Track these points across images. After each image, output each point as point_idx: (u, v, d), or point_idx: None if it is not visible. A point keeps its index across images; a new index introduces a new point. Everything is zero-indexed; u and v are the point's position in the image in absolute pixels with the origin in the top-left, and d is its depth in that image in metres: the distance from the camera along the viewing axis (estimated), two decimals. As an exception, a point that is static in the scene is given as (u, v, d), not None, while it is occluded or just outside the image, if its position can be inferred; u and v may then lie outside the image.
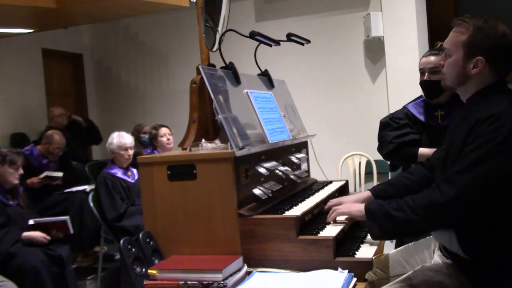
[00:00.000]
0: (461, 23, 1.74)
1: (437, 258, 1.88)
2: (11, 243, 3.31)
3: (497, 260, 1.65)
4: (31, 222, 3.50)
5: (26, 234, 3.43)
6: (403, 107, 2.88)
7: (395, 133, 2.72)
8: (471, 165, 1.58)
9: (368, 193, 2.13)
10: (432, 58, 2.63)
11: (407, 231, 1.78)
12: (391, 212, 1.70)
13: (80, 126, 6.31)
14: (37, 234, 3.43)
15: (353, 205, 2.00)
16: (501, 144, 1.56)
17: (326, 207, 2.16)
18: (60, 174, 3.59)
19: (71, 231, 3.59)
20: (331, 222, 2.04)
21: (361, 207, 1.89)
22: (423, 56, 2.72)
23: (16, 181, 3.59)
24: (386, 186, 2.17)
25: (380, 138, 2.82)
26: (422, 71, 2.69)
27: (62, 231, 3.57)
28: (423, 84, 2.69)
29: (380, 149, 2.82)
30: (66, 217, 3.62)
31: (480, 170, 1.57)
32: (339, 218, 2.05)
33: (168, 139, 4.62)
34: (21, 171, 3.62)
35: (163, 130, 4.64)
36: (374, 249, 1.97)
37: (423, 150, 2.65)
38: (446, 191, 1.59)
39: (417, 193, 1.73)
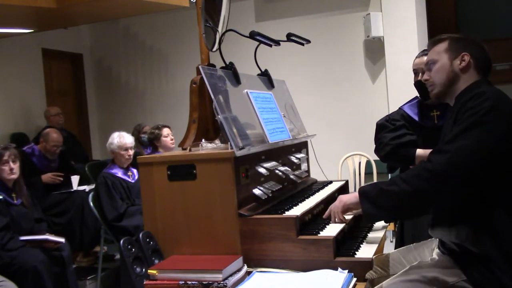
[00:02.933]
0: (438, 39, 1.94)
1: (434, 255, 1.89)
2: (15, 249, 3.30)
3: (492, 252, 1.67)
4: (21, 239, 3.42)
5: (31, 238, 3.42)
6: (399, 108, 2.88)
7: (392, 134, 2.72)
8: (458, 135, 1.66)
9: None
10: (426, 58, 2.62)
11: (403, 204, 1.74)
12: (384, 188, 1.73)
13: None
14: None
15: (345, 196, 1.97)
16: (486, 115, 1.65)
17: (325, 215, 2.11)
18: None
19: (60, 240, 3.54)
20: (336, 220, 2.02)
21: (354, 193, 1.88)
22: (416, 57, 2.70)
23: (11, 176, 3.52)
24: None
25: (377, 140, 2.81)
26: (416, 72, 2.67)
27: (52, 243, 3.53)
28: (417, 84, 2.68)
29: (377, 151, 2.82)
30: (47, 236, 3.55)
31: (467, 138, 1.64)
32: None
33: (172, 139, 4.62)
34: (11, 165, 3.53)
35: (166, 130, 4.63)
36: (374, 249, 1.98)
37: (420, 151, 2.64)
38: (436, 159, 1.66)
39: None
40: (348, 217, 2.03)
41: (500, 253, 1.66)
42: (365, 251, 1.95)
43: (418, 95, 2.77)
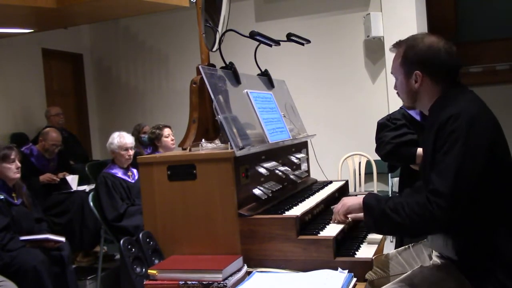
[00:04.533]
0: (396, 48, 1.89)
1: (435, 258, 1.88)
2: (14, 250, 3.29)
3: (493, 258, 1.66)
4: (21, 239, 3.43)
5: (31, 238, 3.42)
6: (400, 108, 2.88)
7: (393, 133, 2.72)
8: (448, 171, 1.61)
9: None
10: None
11: (401, 232, 1.86)
12: (388, 212, 1.71)
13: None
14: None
15: (350, 199, 2.00)
16: (466, 142, 1.62)
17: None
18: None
19: (61, 239, 3.55)
20: (337, 220, 2.04)
21: (359, 199, 1.89)
22: None
23: (16, 175, 3.55)
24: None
25: (378, 139, 2.82)
26: None
27: (52, 243, 3.53)
28: None
29: (378, 150, 2.82)
30: (47, 235, 3.55)
31: (459, 173, 1.60)
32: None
33: (172, 139, 4.62)
34: (18, 164, 3.58)
35: (167, 131, 4.63)
36: (374, 249, 1.97)
37: (421, 150, 2.64)
38: (435, 202, 1.61)
39: None
40: (350, 216, 2.04)
41: (501, 269, 1.65)
42: (365, 251, 1.95)
43: None
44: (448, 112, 1.68)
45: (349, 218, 2.02)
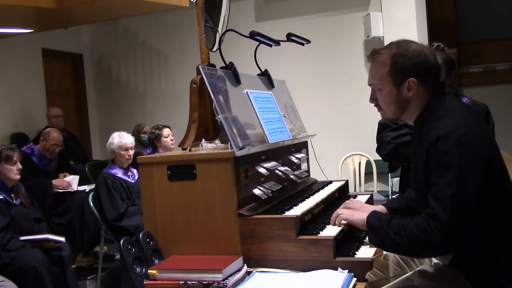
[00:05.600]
0: (376, 56, 1.77)
1: (436, 260, 1.88)
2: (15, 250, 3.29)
3: (494, 262, 1.65)
4: (21, 239, 3.43)
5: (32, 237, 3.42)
6: None
7: (394, 133, 2.73)
8: (445, 197, 1.57)
9: (382, 208, 2.11)
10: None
11: (404, 253, 1.84)
12: (390, 234, 1.69)
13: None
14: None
15: (357, 213, 1.97)
16: (459, 168, 1.56)
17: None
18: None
19: (61, 239, 3.55)
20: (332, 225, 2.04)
21: (364, 216, 1.86)
22: None
23: (16, 177, 3.56)
24: (399, 200, 2.20)
25: (379, 139, 2.82)
26: None
27: (52, 243, 3.53)
28: None
29: (379, 149, 2.82)
30: (47, 235, 3.55)
31: (455, 201, 1.56)
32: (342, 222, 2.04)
33: (172, 140, 4.62)
34: (19, 165, 3.59)
35: (167, 131, 4.63)
36: (374, 249, 1.98)
37: None
38: (435, 227, 1.58)
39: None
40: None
41: (503, 274, 1.64)
42: (365, 251, 1.95)
43: None
44: (436, 130, 1.63)
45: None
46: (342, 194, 2.77)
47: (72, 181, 4.87)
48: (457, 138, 1.59)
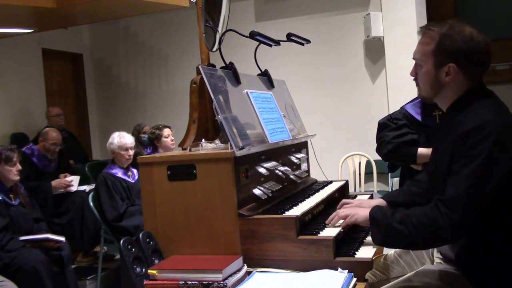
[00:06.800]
0: (427, 32, 1.72)
1: (438, 260, 1.88)
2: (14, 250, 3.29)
3: (497, 264, 1.64)
4: (21, 239, 3.43)
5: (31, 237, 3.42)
6: (401, 107, 2.89)
7: (394, 133, 2.73)
8: (464, 185, 1.55)
9: (381, 201, 2.10)
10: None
11: (408, 244, 1.77)
12: (394, 225, 1.68)
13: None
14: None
15: (358, 209, 1.96)
16: (489, 157, 1.54)
17: (338, 206, 2.14)
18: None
19: (61, 239, 3.55)
20: (330, 225, 2.03)
21: (366, 212, 1.85)
22: None
23: (16, 178, 3.56)
24: (398, 193, 2.16)
25: (379, 138, 2.83)
26: None
27: (52, 243, 3.52)
28: None
29: (379, 149, 2.83)
30: (47, 235, 3.55)
31: (475, 189, 1.54)
32: (339, 222, 2.03)
33: (172, 140, 4.62)
34: (19, 166, 3.59)
35: (167, 131, 4.63)
36: (374, 249, 1.97)
37: (422, 150, 2.65)
38: (446, 214, 1.57)
39: (429, 199, 1.71)
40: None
41: (503, 278, 1.63)
42: (365, 251, 1.95)
43: None
44: (471, 122, 1.59)
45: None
46: (342, 194, 2.77)
47: (73, 182, 4.87)
48: (492, 132, 1.56)
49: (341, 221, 2.00)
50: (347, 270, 1.79)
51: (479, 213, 1.56)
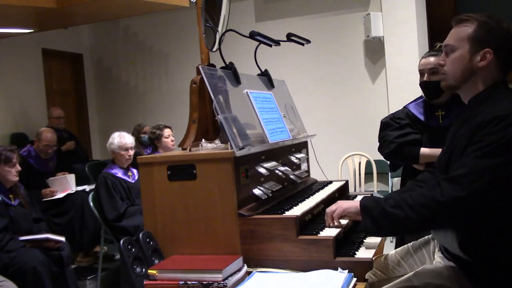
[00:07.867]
0: (465, 19, 1.74)
1: (438, 259, 1.87)
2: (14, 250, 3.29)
3: (500, 262, 1.63)
4: (21, 239, 3.43)
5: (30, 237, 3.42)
6: (404, 107, 2.89)
7: (397, 133, 2.73)
8: (474, 166, 1.54)
9: None
10: (432, 59, 2.64)
11: (404, 229, 1.75)
12: (388, 209, 1.66)
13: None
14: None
15: (346, 202, 1.95)
16: (506, 145, 1.53)
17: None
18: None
19: (61, 239, 3.55)
20: (331, 225, 2.02)
21: (356, 203, 1.83)
22: (422, 57, 2.73)
23: (15, 178, 3.56)
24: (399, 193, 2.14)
25: (381, 138, 2.82)
26: (421, 72, 2.70)
27: (52, 243, 3.52)
28: (422, 85, 2.70)
29: (381, 149, 2.82)
30: (47, 235, 3.54)
31: (483, 171, 1.53)
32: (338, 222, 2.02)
33: (172, 140, 4.62)
34: (18, 167, 3.59)
35: (168, 131, 4.63)
36: (374, 249, 1.97)
37: (424, 150, 2.65)
38: (448, 190, 1.55)
39: None
40: (344, 221, 2.02)
41: (503, 278, 1.61)
42: (365, 251, 1.95)
43: (423, 95, 2.78)
44: (493, 112, 1.58)
45: (342, 222, 1.99)
46: (342, 194, 2.77)
47: (68, 182, 4.84)
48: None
49: (341, 221, 1.99)
50: (347, 270, 1.79)
51: (485, 197, 1.54)
